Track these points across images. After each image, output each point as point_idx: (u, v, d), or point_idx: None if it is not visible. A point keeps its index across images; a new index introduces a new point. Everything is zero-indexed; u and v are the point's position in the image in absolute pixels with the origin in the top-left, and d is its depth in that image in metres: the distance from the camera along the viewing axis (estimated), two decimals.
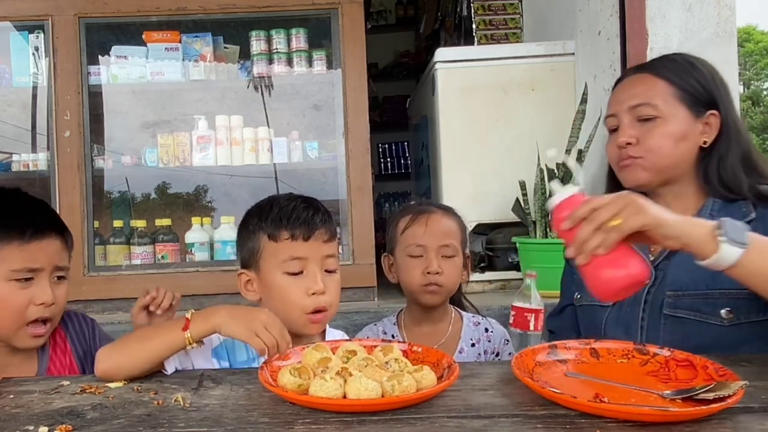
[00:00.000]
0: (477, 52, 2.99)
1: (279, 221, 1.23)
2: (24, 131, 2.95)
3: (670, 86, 1.26)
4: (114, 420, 0.88)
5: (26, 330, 1.22)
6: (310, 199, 1.30)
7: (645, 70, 1.31)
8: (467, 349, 1.51)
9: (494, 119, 2.82)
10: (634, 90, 1.28)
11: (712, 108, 1.25)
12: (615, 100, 1.32)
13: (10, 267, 1.19)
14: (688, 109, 1.25)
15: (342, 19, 2.73)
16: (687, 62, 1.29)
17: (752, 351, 1.12)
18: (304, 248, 1.22)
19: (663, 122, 1.24)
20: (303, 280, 1.22)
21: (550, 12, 3.16)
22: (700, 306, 1.19)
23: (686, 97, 1.25)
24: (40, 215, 1.26)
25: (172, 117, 3.02)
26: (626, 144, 1.27)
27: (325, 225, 1.25)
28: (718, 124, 1.26)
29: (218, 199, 3.21)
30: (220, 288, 2.57)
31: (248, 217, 1.30)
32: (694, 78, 1.26)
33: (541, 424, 0.83)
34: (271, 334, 1.05)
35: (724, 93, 1.27)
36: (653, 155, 1.25)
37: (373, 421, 0.85)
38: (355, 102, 2.72)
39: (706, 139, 1.26)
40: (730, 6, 2.25)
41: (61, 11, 2.69)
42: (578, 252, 0.95)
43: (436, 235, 1.49)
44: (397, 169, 5.58)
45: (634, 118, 1.27)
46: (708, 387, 0.88)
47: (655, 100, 1.25)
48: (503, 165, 2.77)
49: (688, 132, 1.25)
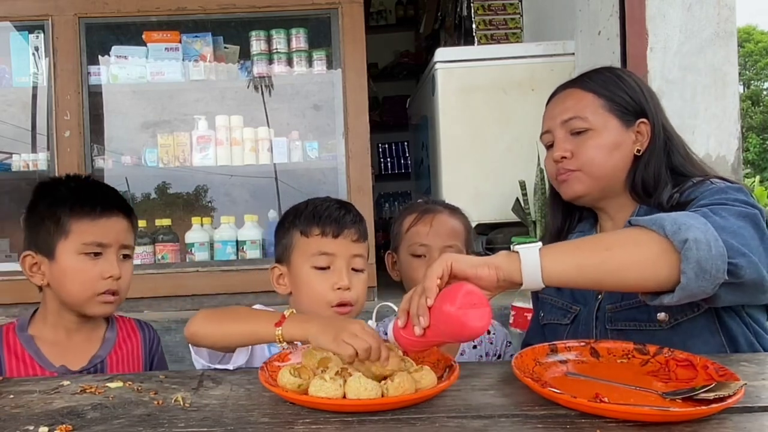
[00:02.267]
0: (477, 52, 2.99)
1: (312, 218, 1.30)
2: (24, 131, 2.95)
3: (598, 98, 1.29)
4: (114, 420, 0.89)
5: (96, 299, 1.34)
6: (344, 202, 1.37)
7: (573, 85, 1.35)
8: (469, 351, 1.51)
9: (494, 119, 2.81)
10: (564, 105, 1.32)
11: (641, 117, 1.29)
12: (548, 116, 1.36)
13: (81, 240, 1.31)
14: (618, 119, 1.28)
15: (342, 19, 2.73)
16: (614, 75, 1.32)
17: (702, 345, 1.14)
18: (332, 244, 1.28)
19: (595, 134, 1.27)
20: (330, 275, 1.28)
21: (550, 12, 3.16)
22: (636, 315, 1.23)
23: (615, 108, 1.28)
24: (109, 196, 1.39)
25: (172, 117, 3.02)
26: (561, 158, 1.30)
27: (355, 225, 1.31)
28: (649, 132, 1.28)
29: (218, 199, 3.21)
30: (220, 288, 2.58)
31: (285, 216, 1.38)
32: (621, 89, 1.29)
33: (541, 424, 0.83)
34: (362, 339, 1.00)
35: (652, 102, 1.31)
36: (588, 167, 1.28)
37: (373, 421, 0.85)
38: (355, 102, 2.72)
39: (639, 147, 1.28)
40: (730, 6, 2.25)
41: (61, 11, 2.69)
42: (416, 320, 0.97)
43: (440, 235, 1.49)
44: (397, 169, 5.58)
45: (567, 132, 1.30)
46: (708, 387, 0.88)
47: (585, 113, 1.28)
48: (503, 165, 2.77)
49: (620, 141, 1.27)
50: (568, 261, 1.01)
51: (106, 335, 1.42)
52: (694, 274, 0.97)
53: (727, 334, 1.19)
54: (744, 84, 20.98)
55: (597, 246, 1.04)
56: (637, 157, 1.29)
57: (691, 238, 0.96)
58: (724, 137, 2.27)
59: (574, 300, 1.35)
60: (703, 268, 0.97)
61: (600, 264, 1.01)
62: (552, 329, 1.39)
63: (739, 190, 1.15)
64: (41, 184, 1.42)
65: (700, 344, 1.14)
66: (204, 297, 2.56)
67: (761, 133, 19.00)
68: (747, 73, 21.11)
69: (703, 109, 2.26)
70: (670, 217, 1.01)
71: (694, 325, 1.19)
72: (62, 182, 1.41)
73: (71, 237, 1.31)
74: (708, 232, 0.98)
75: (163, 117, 3.03)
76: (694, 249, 0.96)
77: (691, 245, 0.96)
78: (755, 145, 18.31)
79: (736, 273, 0.99)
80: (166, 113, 3.04)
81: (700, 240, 0.97)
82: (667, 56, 2.25)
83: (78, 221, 1.31)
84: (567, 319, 1.35)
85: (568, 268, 1.01)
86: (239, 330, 1.11)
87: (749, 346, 1.19)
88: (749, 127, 18.39)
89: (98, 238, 1.32)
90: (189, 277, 2.62)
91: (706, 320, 1.19)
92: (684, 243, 0.96)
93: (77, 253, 1.31)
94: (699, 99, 2.25)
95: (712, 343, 1.18)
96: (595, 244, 1.06)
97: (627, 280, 1.01)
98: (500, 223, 2.81)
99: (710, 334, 1.19)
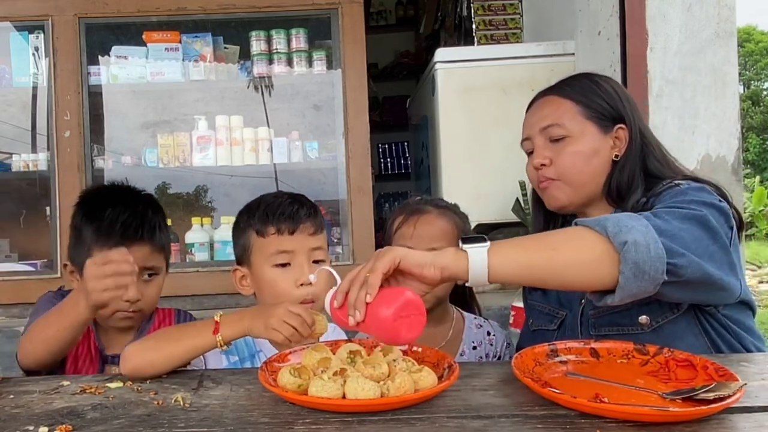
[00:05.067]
0: (477, 53, 2.99)
1: (265, 217, 1.28)
2: (24, 131, 2.95)
3: (576, 105, 1.29)
4: (114, 420, 0.89)
5: (115, 315, 1.35)
6: (296, 195, 1.35)
7: (551, 92, 1.34)
8: (468, 352, 1.50)
9: (494, 119, 2.81)
10: (542, 112, 1.32)
11: (619, 122, 1.29)
12: (527, 124, 1.36)
13: None
14: (596, 125, 1.28)
15: (342, 19, 2.73)
16: (591, 81, 1.33)
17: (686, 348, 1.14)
18: (290, 241, 1.27)
19: (573, 141, 1.28)
20: (291, 272, 1.27)
21: (550, 12, 3.16)
22: (618, 320, 1.23)
23: (593, 114, 1.29)
24: (135, 221, 1.37)
25: (172, 117, 3.02)
26: (541, 165, 1.31)
27: (310, 218, 1.29)
28: (627, 137, 1.29)
29: (218, 199, 3.21)
30: (220, 288, 2.57)
31: (239, 216, 1.36)
32: (598, 95, 1.30)
33: (541, 424, 0.83)
34: (288, 325, 1.07)
35: (629, 107, 1.31)
36: (567, 174, 1.29)
37: (373, 421, 0.85)
38: (355, 102, 2.72)
39: (617, 152, 1.29)
40: (730, 6, 2.25)
41: (61, 11, 2.69)
42: (352, 311, 0.97)
43: (422, 238, 1.45)
44: (397, 169, 5.58)
45: (546, 139, 1.31)
46: (708, 387, 0.88)
47: (563, 120, 1.29)
48: (503, 165, 2.76)
49: (599, 147, 1.28)
50: (515, 260, 1.03)
51: (143, 325, 1.43)
52: (632, 275, 0.99)
53: (709, 336, 1.19)
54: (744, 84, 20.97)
55: (543, 245, 1.05)
56: (615, 162, 1.29)
57: (631, 240, 0.98)
58: (724, 137, 2.27)
59: (560, 305, 1.35)
60: (641, 269, 0.99)
61: (545, 264, 1.02)
62: (541, 335, 1.38)
63: (700, 189, 1.16)
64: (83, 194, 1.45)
65: (684, 347, 1.13)
66: (204, 297, 2.56)
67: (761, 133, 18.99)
68: (747, 73, 21.10)
69: (703, 109, 2.25)
70: (613, 218, 1.03)
71: (676, 327, 1.19)
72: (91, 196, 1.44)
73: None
74: (648, 234, 1.00)
75: (163, 117, 3.04)
76: (633, 251, 0.98)
77: (630, 247, 0.98)
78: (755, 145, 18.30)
79: (676, 272, 1.01)
80: (166, 113, 3.04)
81: (639, 242, 0.99)
82: (667, 56, 2.25)
83: (99, 250, 1.30)
84: (554, 324, 1.35)
85: (514, 268, 1.03)
86: (180, 349, 1.11)
87: (729, 347, 1.19)
88: (749, 127, 18.38)
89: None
90: (189, 277, 2.62)
91: (687, 322, 1.19)
92: (623, 245, 0.99)
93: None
94: (699, 99, 2.25)
95: (697, 345, 1.17)
96: (542, 243, 1.07)
97: (571, 279, 1.03)
98: (500, 223, 2.81)
99: (694, 337, 1.19)
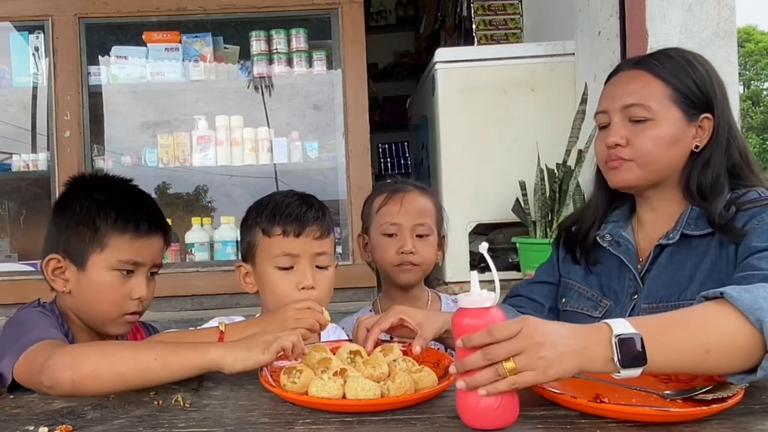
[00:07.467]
0: (477, 53, 2.99)
1: (273, 217, 1.25)
2: (24, 131, 2.95)
3: (665, 87, 1.21)
4: (114, 420, 0.89)
5: (120, 318, 1.27)
6: (306, 195, 1.31)
7: (640, 66, 1.25)
8: None
9: (494, 119, 2.81)
10: (628, 88, 1.23)
11: (706, 111, 1.21)
12: (607, 96, 1.27)
13: (118, 257, 1.23)
14: (682, 111, 1.20)
15: (342, 19, 2.73)
16: (685, 60, 1.24)
17: None
18: (295, 244, 1.24)
19: (655, 125, 1.20)
20: (293, 275, 1.24)
21: (550, 12, 3.16)
22: None
23: (681, 99, 1.20)
24: (152, 214, 1.30)
25: (172, 117, 3.02)
26: (615, 145, 1.22)
27: (317, 222, 1.25)
28: (711, 129, 1.21)
29: (218, 199, 3.21)
30: (220, 288, 2.57)
31: (248, 212, 1.33)
32: (690, 79, 1.21)
33: (541, 424, 0.83)
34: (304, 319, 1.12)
35: (720, 95, 1.23)
36: (643, 158, 1.21)
37: (373, 421, 0.85)
38: (355, 102, 2.72)
39: (698, 143, 1.22)
40: (730, 6, 2.25)
41: (61, 11, 2.69)
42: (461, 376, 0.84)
43: (410, 213, 1.49)
44: (397, 169, 5.57)
45: (625, 118, 1.22)
46: (708, 387, 0.88)
47: (649, 101, 1.20)
48: (503, 165, 2.76)
49: (681, 136, 1.21)
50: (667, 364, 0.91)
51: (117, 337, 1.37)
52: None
53: None
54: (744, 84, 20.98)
55: (696, 346, 0.91)
56: (693, 153, 1.22)
57: None
58: None
59: (603, 294, 1.30)
60: None
61: (696, 367, 0.92)
62: (573, 317, 1.31)
63: None
64: (76, 181, 1.33)
65: None
66: (204, 297, 2.56)
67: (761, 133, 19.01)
68: (747, 73, 21.10)
69: None
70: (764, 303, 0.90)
71: None
72: (102, 185, 1.32)
73: (108, 251, 1.23)
74: None
75: (163, 117, 3.04)
76: None
77: None
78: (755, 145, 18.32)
79: None
80: (166, 113, 3.04)
81: None
82: None
83: (119, 237, 1.23)
84: (598, 312, 1.28)
85: (665, 370, 0.94)
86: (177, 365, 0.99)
87: None
88: (749, 127, 18.39)
89: (135, 256, 1.24)
90: (189, 277, 2.62)
91: None
92: None
93: (110, 268, 1.23)
94: None
95: None
96: (694, 342, 0.91)
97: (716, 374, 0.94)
98: (500, 223, 2.80)
99: None
